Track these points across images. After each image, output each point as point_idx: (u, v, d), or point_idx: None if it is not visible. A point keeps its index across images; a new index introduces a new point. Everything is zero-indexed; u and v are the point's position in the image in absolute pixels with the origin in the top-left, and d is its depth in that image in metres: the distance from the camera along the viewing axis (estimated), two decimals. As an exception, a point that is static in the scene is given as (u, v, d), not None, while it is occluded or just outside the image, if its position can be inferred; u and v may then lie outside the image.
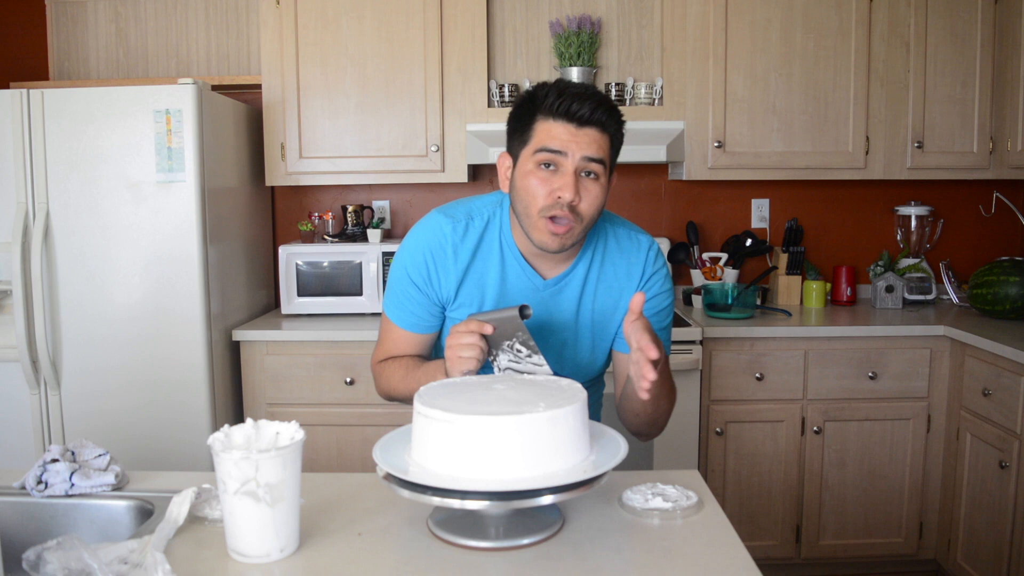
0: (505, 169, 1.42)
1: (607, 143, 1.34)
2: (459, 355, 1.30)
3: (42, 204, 2.49)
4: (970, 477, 2.60)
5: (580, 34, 2.98)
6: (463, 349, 1.30)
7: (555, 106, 1.31)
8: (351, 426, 2.71)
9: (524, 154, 1.36)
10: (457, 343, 1.31)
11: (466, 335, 1.30)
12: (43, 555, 1.00)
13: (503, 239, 1.45)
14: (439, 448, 1.09)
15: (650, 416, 1.44)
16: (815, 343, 2.72)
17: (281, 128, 2.94)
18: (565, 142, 1.31)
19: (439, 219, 1.47)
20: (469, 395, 1.16)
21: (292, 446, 1.07)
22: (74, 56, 3.28)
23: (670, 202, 3.32)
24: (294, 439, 1.10)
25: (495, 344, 1.34)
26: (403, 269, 1.48)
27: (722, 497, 2.74)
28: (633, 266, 1.50)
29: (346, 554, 1.10)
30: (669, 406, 1.46)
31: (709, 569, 1.06)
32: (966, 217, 3.32)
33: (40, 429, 2.57)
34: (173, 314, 2.53)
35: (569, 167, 1.31)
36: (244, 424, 1.12)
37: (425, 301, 1.48)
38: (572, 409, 1.10)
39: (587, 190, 1.33)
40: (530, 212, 1.35)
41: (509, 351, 1.34)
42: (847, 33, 2.90)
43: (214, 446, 1.05)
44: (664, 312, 1.53)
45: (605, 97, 1.34)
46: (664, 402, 1.43)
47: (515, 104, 1.39)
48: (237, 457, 1.03)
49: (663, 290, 1.52)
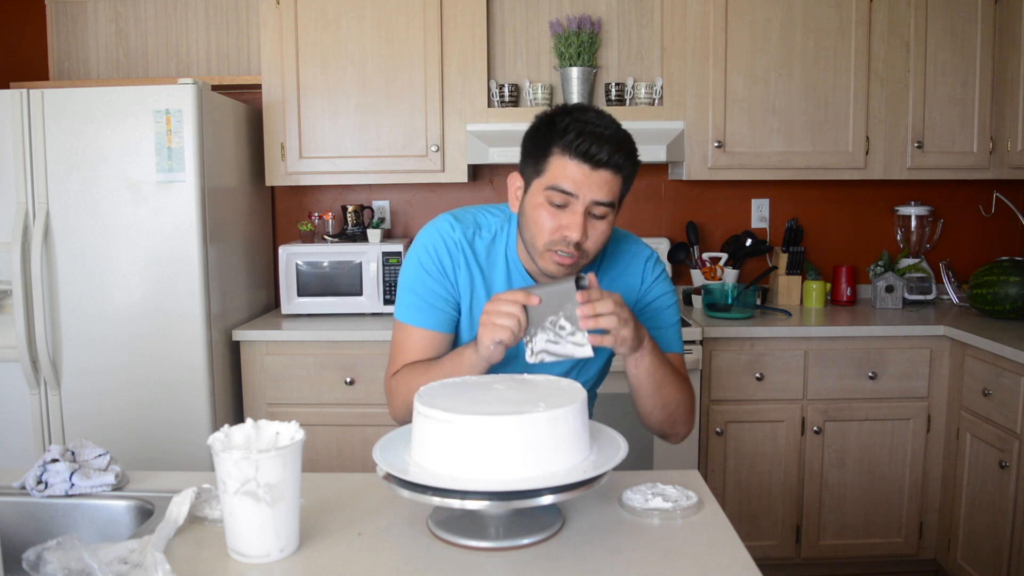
0: (516, 189, 1.42)
1: (619, 184, 1.34)
2: (495, 321, 1.26)
3: (42, 204, 2.49)
4: (970, 477, 2.60)
5: (580, 34, 2.98)
6: (500, 317, 1.26)
7: (574, 144, 1.29)
8: (351, 426, 2.71)
9: (536, 184, 1.35)
10: (495, 308, 1.26)
11: (508, 303, 1.27)
12: (43, 555, 0.99)
13: (508, 255, 1.48)
14: (439, 448, 1.08)
15: (661, 409, 1.44)
16: (815, 343, 2.72)
17: (281, 128, 2.94)
18: (578, 184, 1.30)
19: (449, 219, 1.49)
20: (469, 395, 1.16)
21: (292, 446, 1.06)
22: (74, 56, 3.28)
23: (670, 202, 3.31)
24: (294, 439, 1.09)
25: (536, 322, 1.28)
26: (416, 265, 1.48)
27: (722, 497, 2.74)
28: (632, 278, 1.53)
29: (346, 554, 1.10)
30: (680, 396, 1.45)
31: (709, 569, 1.06)
32: (966, 217, 3.32)
33: (40, 429, 2.57)
34: (173, 314, 2.53)
35: (579, 207, 1.31)
36: (244, 424, 1.11)
37: (442, 291, 1.46)
38: (572, 409, 1.10)
39: (594, 228, 1.34)
40: (536, 243, 1.37)
41: (551, 329, 1.27)
42: (847, 33, 2.90)
43: (214, 446, 1.05)
44: (668, 311, 1.55)
45: (624, 136, 1.33)
46: (671, 391, 1.42)
47: (533, 126, 1.37)
48: (237, 457, 1.02)
49: (663, 292, 1.55)
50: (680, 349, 1.56)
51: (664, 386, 1.41)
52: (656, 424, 1.47)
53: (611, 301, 1.27)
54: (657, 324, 1.53)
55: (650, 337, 1.37)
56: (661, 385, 1.40)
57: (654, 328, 1.51)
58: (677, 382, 1.45)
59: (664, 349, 1.49)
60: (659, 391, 1.40)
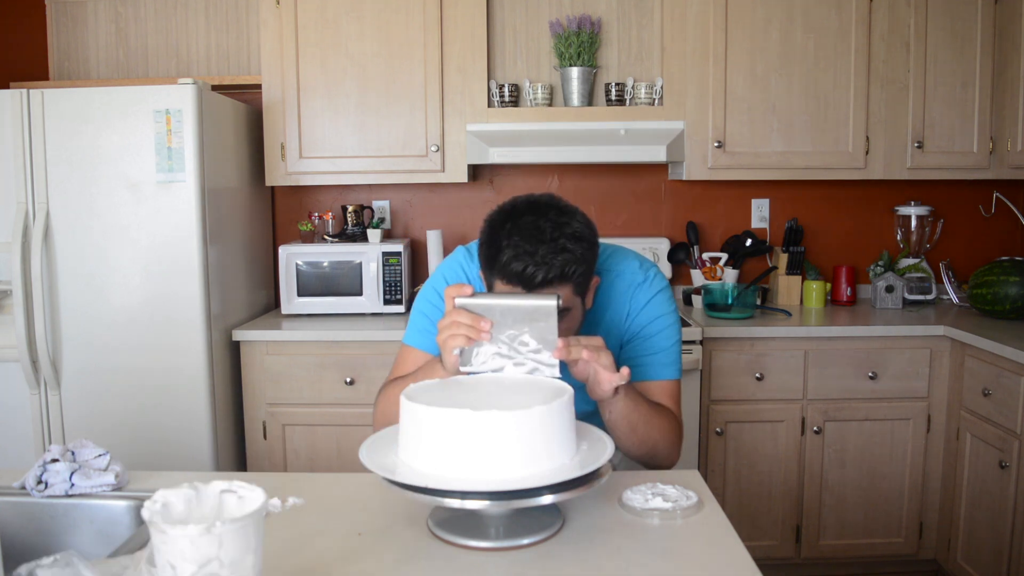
0: None
1: (568, 291, 1.32)
2: (453, 332, 1.24)
3: (42, 204, 2.49)
4: (970, 477, 2.60)
5: (580, 34, 2.98)
6: (457, 327, 1.23)
7: (507, 269, 1.28)
8: (351, 426, 2.71)
9: None
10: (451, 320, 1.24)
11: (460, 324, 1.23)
12: (35, 572, 0.93)
13: None
14: (429, 445, 1.08)
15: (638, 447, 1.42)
16: (815, 343, 2.72)
17: (281, 128, 2.94)
18: None
19: (463, 252, 1.59)
20: (457, 392, 1.16)
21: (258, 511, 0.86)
22: (74, 56, 3.28)
23: (670, 202, 3.31)
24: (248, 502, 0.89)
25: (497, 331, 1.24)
26: (431, 291, 1.57)
27: (722, 497, 2.73)
28: (617, 312, 1.52)
29: (346, 554, 1.10)
30: (659, 435, 1.42)
31: (709, 569, 1.06)
32: (966, 217, 3.32)
33: (40, 429, 2.57)
34: (173, 314, 2.53)
35: None
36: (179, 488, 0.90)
37: None
38: (562, 402, 1.11)
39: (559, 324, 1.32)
40: None
41: (506, 343, 1.23)
42: (847, 33, 2.90)
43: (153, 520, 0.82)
44: (662, 335, 1.51)
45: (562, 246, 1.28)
46: (647, 431, 1.40)
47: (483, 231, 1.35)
48: (194, 533, 0.80)
49: (658, 315, 1.51)
50: (673, 375, 1.52)
51: (639, 428, 1.39)
52: (635, 457, 1.46)
53: (591, 346, 1.26)
54: (648, 351, 1.50)
55: None
56: (635, 427, 1.38)
57: (644, 355, 1.50)
58: (654, 420, 1.42)
59: (653, 377, 1.49)
60: (633, 432, 1.39)
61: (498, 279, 1.32)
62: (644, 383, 1.50)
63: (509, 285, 1.30)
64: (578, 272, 1.32)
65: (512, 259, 1.28)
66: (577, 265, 1.30)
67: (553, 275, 1.28)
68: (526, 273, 1.28)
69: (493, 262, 1.32)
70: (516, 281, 1.29)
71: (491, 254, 1.32)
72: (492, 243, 1.32)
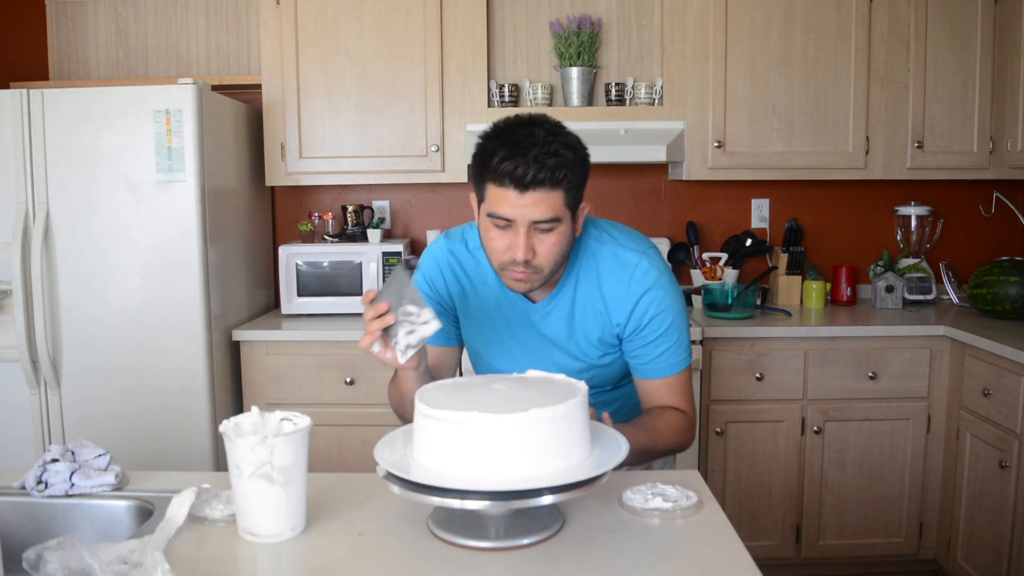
0: (474, 208, 1.43)
1: (559, 198, 1.32)
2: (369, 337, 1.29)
3: (42, 204, 2.49)
4: (970, 477, 2.60)
5: (580, 34, 2.98)
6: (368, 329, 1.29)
7: (499, 171, 1.30)
8: (351, 426, 2.71)
9: (482, 209, 1.38)
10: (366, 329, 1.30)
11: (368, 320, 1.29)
12: (43, 555, 0.99)
13: None
14: (440, 447, 1.08)
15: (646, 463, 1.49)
16: (815, 343, 2.72)
17: (281, 128, 2.94)
18: (513, 208, 1.31)
19: (441, 239, 1.59)
20: (470, 394, 1.16)
21: (302, 431, 1.13)
22: (74, 56, 3.28)
23: (670, 202, 3.31)
24: (299, 426, 1.15)
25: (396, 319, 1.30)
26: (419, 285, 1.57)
27: (722, 497, 2.73)
28: (619, 286, 1.47)
29: (346, 554, 1.10)
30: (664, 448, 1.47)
31: (709, 569, 1.06)
32: (966, 217, 3.32)
33: (40, 429, 2.57)
34: (173, 314, 2.53)
35: (520, 229, 1.33)
36: (250, 413, 1.18)
37: (438, 308, 1.53)
38: (573, 404, 1.10)
39: (542, 242, 1.35)
40: (492, 263, 1.41)
41: (404, 321, 1.28)
42: (847, 33, 2.90)
43: (227, 433, 1.10)
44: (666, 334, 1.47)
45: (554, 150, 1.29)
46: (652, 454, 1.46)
47: (474, 150, 1.37)
48: (253, 442, 1.08)
49: (659, 311, 1.46)
50: (680, 367, 1.49)
51: (650, 453, 1.44)
52: None
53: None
54: (649, 355, 1.48)
55: None
56: (648, 454, 1.44)
57: (646, 359, 1.48)
58: (659, 437, 1.43)
59: (657, 375, 1.48)
60: (648, 457, 1.46)
61: (490, 181, 1.33)
62: (650, 382, 1.50)
63: (501, 188, 1.31)
64: (569, 178, 1.32)
65: (504, 158, 1.29)
66: (568, 170, 1.31)
67: (544, 175, 1.29)
68: (517, 172, 1.28)
69: (486, 166, 1.32)
70: (507, 181, 1.29)
71: (484, 158, 1.33)
72: (485, 149, 1.33)
